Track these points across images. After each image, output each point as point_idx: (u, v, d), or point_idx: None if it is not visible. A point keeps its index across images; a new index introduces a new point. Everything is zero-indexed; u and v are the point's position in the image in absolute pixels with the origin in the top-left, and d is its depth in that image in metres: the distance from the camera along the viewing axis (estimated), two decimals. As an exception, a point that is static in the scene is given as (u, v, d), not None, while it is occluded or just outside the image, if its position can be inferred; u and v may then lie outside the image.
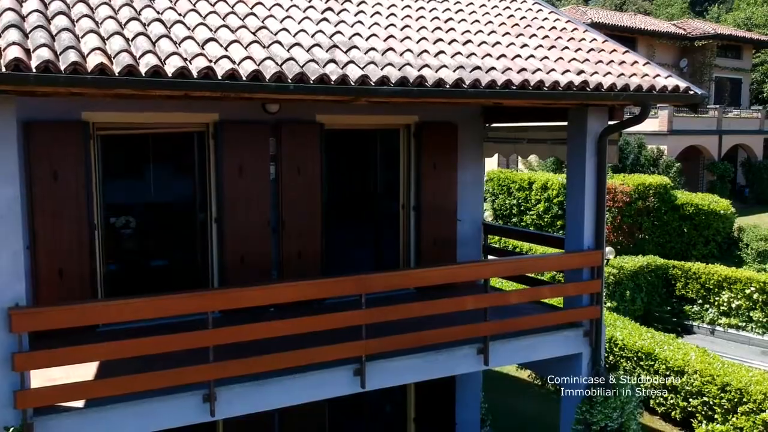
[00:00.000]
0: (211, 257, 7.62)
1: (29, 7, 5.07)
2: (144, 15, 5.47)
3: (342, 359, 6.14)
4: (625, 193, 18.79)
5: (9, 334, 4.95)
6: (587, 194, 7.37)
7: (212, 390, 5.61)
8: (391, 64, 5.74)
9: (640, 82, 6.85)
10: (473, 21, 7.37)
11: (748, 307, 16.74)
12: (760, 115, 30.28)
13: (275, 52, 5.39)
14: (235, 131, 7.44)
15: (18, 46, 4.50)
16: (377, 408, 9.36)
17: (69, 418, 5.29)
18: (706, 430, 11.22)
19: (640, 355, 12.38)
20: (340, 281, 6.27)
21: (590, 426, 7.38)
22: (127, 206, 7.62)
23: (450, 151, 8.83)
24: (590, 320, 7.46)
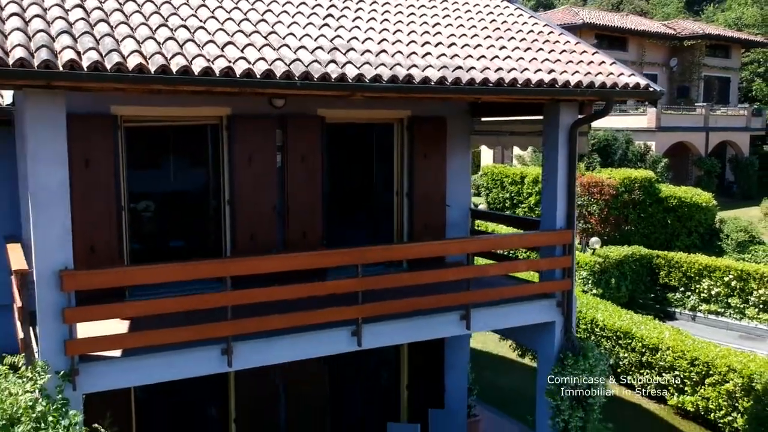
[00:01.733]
0: (224, 236, 8.52)
1: (75, 16, 5.97)
2: (171, 22, 6.38)
3: (341, 321, 7.05)
4: (612, 187, 19.70)
5: (60, 293, 5.86)
6: (559, 180, 8.28)
7: (230, 344, 6.52)
8: (384, 64, 6.66)
9: (605, 80, 7.76)
10: (458, 26, 8.28)
11: (726, 294, 17.66)
12: (746, 112, 31.18)
13: (284, 54, 6.30)
14: (245, 124, 8.34)
15: (71, 50, 5.41)
16: (373, 377, 10.28)
17: (107, 366, 6.21)
18: (678, 401, 12.16)
19: (618, 334, 13.32)
20: (341, 252, 7.20)
21: (562, 386, 8.27)
22: (148, 191, 8.53)
23: (440, 142, 9.74)
24: (562, 292, 8.38)
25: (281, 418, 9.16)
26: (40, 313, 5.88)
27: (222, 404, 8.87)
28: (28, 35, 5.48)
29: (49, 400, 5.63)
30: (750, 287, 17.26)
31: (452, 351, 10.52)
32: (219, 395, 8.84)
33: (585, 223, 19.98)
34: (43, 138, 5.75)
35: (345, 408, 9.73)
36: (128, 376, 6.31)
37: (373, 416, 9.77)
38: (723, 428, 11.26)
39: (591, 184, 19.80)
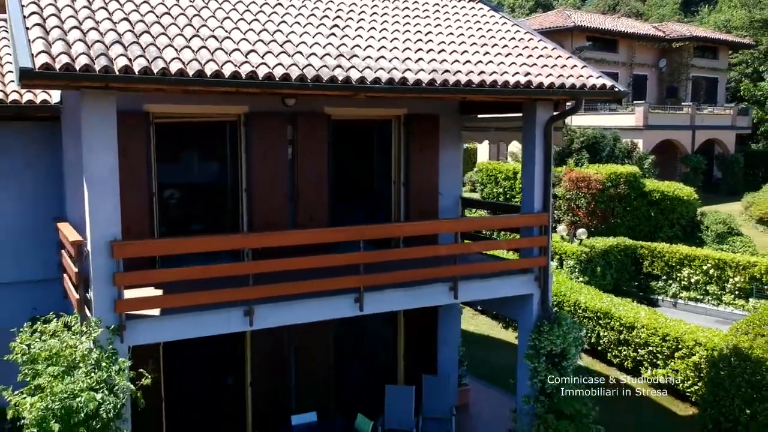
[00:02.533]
0: (242, 220, 9.66)
1: (123, 28, 7.11)
2: (202, 33, 7.52)
3: (345, 288, 8.19)
4: (599, 182, 20.84)
5: (110, 260, 7.00)
6: (537, 169, 9.42)
7: (252, 307, 7.67)
8: (383, 68, 7.81)
9: (575, 81, 8.91)
10: (448, 33, 9.43)
11: (705, 282, 18.79)
12: (732, 112, 32.33)
13: (297, 60, 7.44)
14: (261, 121, 9.48)
15: (124, 57, 6.56)
16: (373, 347, 11.43)
17: (148, 323, 7.35)
18: (651, 374, 13.31)
19: (599, 315, 14.48)
20: (346, 230, 8.35)
21: (539, 350, 9.43)
22: (175, 180, 9.65)
23: (433, 137, 10.89)
24: (539, 267, 9.52)
25: (291, 383, 10.31)
26: (94, 277, 7.02)
27: (239, 371, 10.01)
28: (87, 45, 6.62)
29: (102, 350, 6.79)
30: (726, 275, 18.38)
31: (444, 327, 11.68)
32: (236, 363, 10.00)
33: (573, 215, 21.13)
34: (98, 131, 6.89)
35: (348, 374, 10.88)
36: (166, 332, 7.46)
37: (373, 381, 10.91)
38: (690, 397, 12.41)
39: (579, 179, 20.93)
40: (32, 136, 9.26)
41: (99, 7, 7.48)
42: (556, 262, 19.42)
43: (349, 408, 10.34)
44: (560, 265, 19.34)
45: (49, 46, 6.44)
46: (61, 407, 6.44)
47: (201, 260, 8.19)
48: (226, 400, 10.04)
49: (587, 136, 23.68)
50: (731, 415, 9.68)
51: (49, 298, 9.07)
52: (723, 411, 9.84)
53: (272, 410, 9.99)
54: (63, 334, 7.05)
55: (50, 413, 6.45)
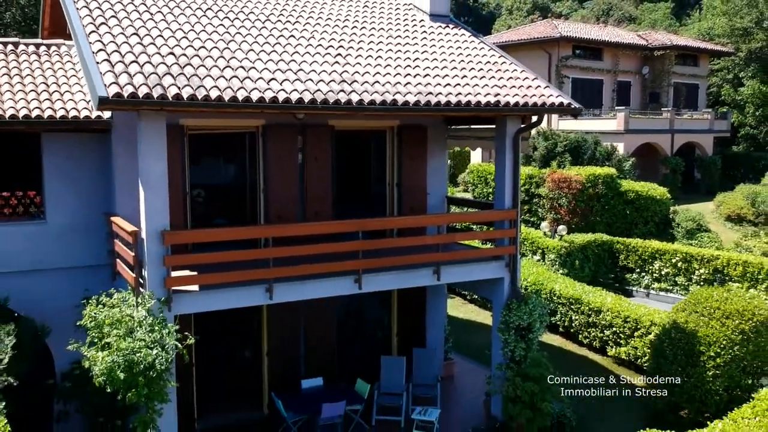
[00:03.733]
0: (259, 216, 11.49)
1: (170, 61, 8.94)
2: (232, 63, 9.35)
3: (347, 270, 10.01)
4: (579, 182, 22.64)
5: (161, 246, 8.82)
6: (507, 172, 11.25)
7: (271, 285, 9.49)
8: (377, 92, 9.65)
9: (537, 100, 10.74)
10: (432, 59, 11.27)
11: (674, 273, 20.57)
12: (709, 116, 34.18)
13: (309, 86, 9.28)
14: (275, 132, 11.31)
15: (175, 86, 8.39)
16: (371, 326, 13.26)
17: (189, 296, 9.17)
18: (615, 352, 15.14)
19: (571, 301, 16.31)
20: (348, 222, 10.19)
21: (509, 325, 11.25)
22: (204, 182, 11.46)
23: (422, 145, 12.72)
24: (509, 255, 11.35)
25: (301, 353, 12.15)
26: (148, 259, 8.84)
27: (257, 343, 11.85)
28: (145, 76, 8.45)
29: (154, 317, 8.62)
30: (693, 267, 20.16)
31: (432, 310, 13.55)
32: (255, 337, 11.83)
33: (556, 213, 22.95)
34: (152, 143, 8.73)
35: (349, 347, 12.73)
36: (204, 304, 9.30)
37: (371, 353, 12.76)
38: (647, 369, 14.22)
39: (561, 180, 22.75)
40: (87, 144, 11.07)
41: (149, 42, 9.31)
42: (539, 256, 21.23)
43: (350, 374, 12.19)
44: (543, 258, 21.13)
45: (116, 78, 8.27)
46: (124, 360, 8.28)
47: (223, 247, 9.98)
48: (247, 367, 11.89)
49: (570, 140, 25.49)
50: (670, 377, 11.51)
51: (98, 280, 10.90)
52: (664, 374, 11.66)
53: (285, 375, 11.84)
54: (121, 305, 8.90)
55: (116, 365, 8.29)
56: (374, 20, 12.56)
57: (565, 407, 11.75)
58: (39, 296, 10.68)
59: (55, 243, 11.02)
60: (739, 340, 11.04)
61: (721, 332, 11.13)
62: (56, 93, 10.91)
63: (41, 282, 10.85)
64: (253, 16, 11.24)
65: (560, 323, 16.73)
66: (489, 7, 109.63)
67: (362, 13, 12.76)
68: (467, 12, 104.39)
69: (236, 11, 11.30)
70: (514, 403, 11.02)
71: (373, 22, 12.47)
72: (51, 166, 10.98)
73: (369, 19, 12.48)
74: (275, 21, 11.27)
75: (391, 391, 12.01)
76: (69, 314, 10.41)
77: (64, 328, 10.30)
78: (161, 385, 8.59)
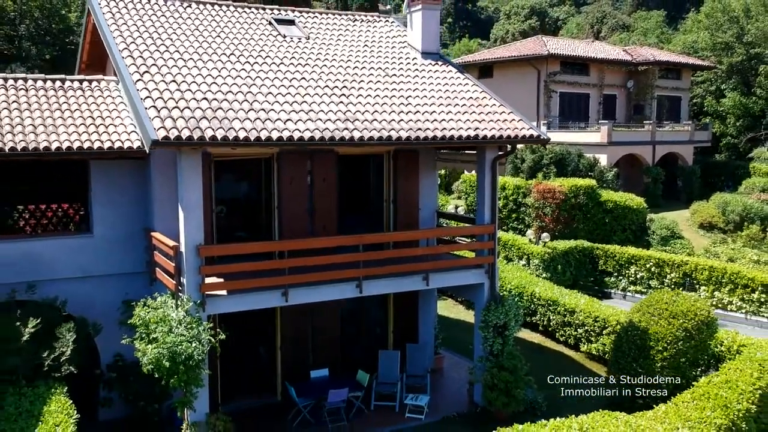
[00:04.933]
0: (274, 230, 13.38)
1: (204, 106, 10.86)
2: (254, 106, 11.27)
3: (350, 278, 11.92)
4: (562, 193, 24.55)
5: (197, 257, 10.73)
6: (486, 193, 13.16)
7: (287, 290, 11.41)
8: (375, 129, 11.56)
9: (511, 133, 12.66)
10: (422, 97, 13.19)
11: (648, 277, 22.48)
12: (689, 128, 36.15)
13: (319, 125, 11.20)
14: (288, 157, 13.20)
15: (210, 129, 10.31)
16: (370, 324, 15.17)
17: (219, 299, 11.08)
18: (587, 348, 17.05)
19: (549, 302, 18.23)
20: (350, 237, 12.11)
21: (488, 323, 13.15)
22: (227, 201, 13.37)
23: (414, 167, 14.62)
24: (488, 264, 13.27)
25: (309, 348, 14.06)
26: (186, 268, 10.74)
27: (271, 338, 13.76)
28: (185, 120, 10.36)
29: (191, 316, 10.53)
30: (665, 272, 22.09)
31: (423, 311, 15.46)
32: (270, 335, 13.74)
33: (541, 221, 24.87)
34: (190, 174, 10.63)
35: (351, 343, 14.65)
36: (232, 305, 11.21)
37: (370, 347, 14.67)
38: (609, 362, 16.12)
39: (545, 191, 24.67)
40: (127, 169, 12.97)
41: (185, 89, 11.24)
42: (524, 261, 23.14)
43: (352, 366, 14.09)
44: (528, 263, 23.04)
45: (163, 122, 10.19)
46: (168, 352, 10.18)
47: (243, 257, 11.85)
48: (263, 359, 13.81)
49: (555, 153, 27.40)
50: (626, 368, 13.42)
51: (137, 286, 12.81)
52: (621, 366, 13.56)
53: (296, 366, 13.75)
54: (164, 307, 10.80)
55: (162, 356, 10.19)
56: (373, 59, 14.48)
57: (537, 394, 13.65)
58: (87, 299, 12.56)
59: (99, 254, 12.91)
60: (683, 337, 12.95)
61: (668, 330, 13.04)
62: (101, 126, 12.80)
63: (89, 287, 12.73)
64: (269, 60, 13.15)
65: (540, 322, 18.64)
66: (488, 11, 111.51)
67: (363, 52, 14.68)
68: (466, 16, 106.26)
69: (254, 56, 13.21)
70: (492, 390, 12.94)
71: (372, 61, 14.39)
72: (97, 188, 12.87)
73: (369, 59, 14.40)
74: (288, 64, 13.19)
75: (387, 381, 13.92)
76: (112, 314, 12.37)
77: (108, 326, 12.27)
78: (197, 372, 10.50)
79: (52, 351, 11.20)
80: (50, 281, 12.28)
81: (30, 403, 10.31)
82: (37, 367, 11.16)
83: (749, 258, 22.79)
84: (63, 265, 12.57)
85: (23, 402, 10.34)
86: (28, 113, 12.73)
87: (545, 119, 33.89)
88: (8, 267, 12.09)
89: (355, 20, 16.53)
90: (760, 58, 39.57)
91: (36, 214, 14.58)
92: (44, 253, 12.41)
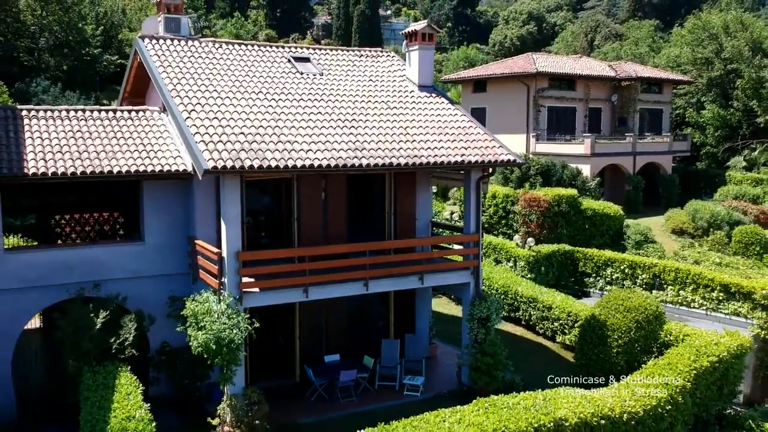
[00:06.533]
0: (294, 238, 15.99)
1: (242, 139, 13.48)
2: (281, 139, 13.88)
3: (358, 278, 14.52)
4: (546, 201, 27.16)
5: (236, 261, 13.34)
6: (471, 207, 15.77)
7: (307, 288, 14.02)
8: (379, 156, 14.19)
9: (492, 158, 15.28)
10: (419, 127, 15.81)
11: (622, 278, 25.07)
12: (668, 139, 38.84)
13: (332, 154, 13.83)
14: (305, 178, 15.79)
15: (249, 159, 12.94)
16: (374, 318, 17.79)
17: (253, 296, 13.69)
18: (562, 339, 19.66)
19: (530, 300, 20.84)
20: (358, 245, 14.72)
21: (473, 316, 15.76)
22: (255, 214, 15.97)
23: (412, 185, 17.24)
24: (473, 266, 15.89)
25: (323, 336, 16.69)
26: (228, 270, 13.34)
27: (291, 329, 16.38)
28: (228, 152, 12.98)
29: (232, 309, 13.14)
30: (637, 273, 24.66)
31: (420, 306, 18.08)
32: (290, 326, 16.35)
33: (527, 227, 27.48)
34: (231, 194, 13.25)
35: (358, 333, 17.28)
36: (263, 300, 13.82)
37: (374, 337, 17.30)
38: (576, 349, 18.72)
39: (531, 200, 27.28)
40: (173, 187, 15.57)
41: (225, 125, 13.85)
42: (511, 263, 25.74)
43: (359, 352, 16.70)
44: (515, 265, 25.64)
45: (210, 154, 12.81)
46: (215, 337, 12.79)
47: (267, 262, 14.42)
48: (284, 346, 16.43)
49: (541, 164, 30.03)
50: (589, 354, 16.03)
51: (180, 284, 15.43)
52: (585, 352, 16.18)
53: (312, 352, 16.37)
54: (209, 302, 13.40)
55: (209, 340, 12.79)
56: (377, 93, 17.10)
57: (514, 376, 16.26)
58: (141, 295, 15.14)
59: (150, 258, 15.51)
60: (635, 327, 15.58)
61: (622, 322, 15.67)
62: (152, 152, 15.41)
63: (142, 285, 15.32)
64: (290, 96, 15.77)
65: (522, 317, 21.25)
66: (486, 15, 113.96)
67: (368, 87, 17.31)
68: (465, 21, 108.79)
69: (278, 92, 15.81)
70: (476, 371, 15.55)
71: (377, 94, 17.01)
72: (148, 204, 15.48)
73: (373, 93, 17.03)
74: (306, 99, 15.81)
75: (389, 365, 16.54)
76: (161, 308, 15.00)
77: (157, 318, 14.87)
78: (237, 354, 13.09)
79: (117, 337, 13.84)
80: (111, 281, 14.89)
81: (103, 378, 12.92)
82: (105, 350, 13.79)
83: (712, 261, 25.39)
84: (121, 268, 15.16)
85: (98, 377, 12.96)
86: (90, 141, 15.34)
87: (534, 132, 36.53)
88: (77, 269, 14.70)
89: (361, 56, 19.16)
90: (736, 72, 42.22)
91: (97, 225, 17.25)
92: (105, 258, 15.03)
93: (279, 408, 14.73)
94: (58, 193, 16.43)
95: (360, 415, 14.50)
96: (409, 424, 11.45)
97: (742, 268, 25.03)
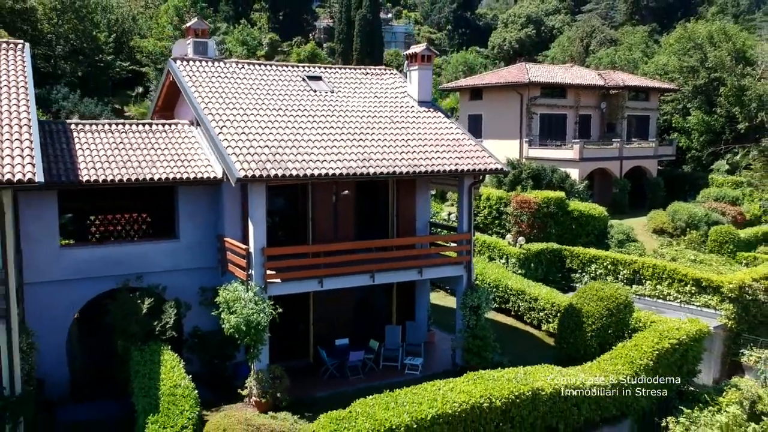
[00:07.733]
0: (309, 236, 18.24)
1: (266, 151, 15.75)
2: (300, 151, 16.16)
3: (365, 271, 16.80)
4: (536, 203, 29.41)
5: (261, 256, 15.61)
6: (464, 209, 18.05)
7: (321, 279, 16.30)
8: (384, 166, 16.47)
9: (482, 166, 17.56)
10: (418, 139, 18.09)
11: (606, 274, 27.29)
12: (654, 144, 41.16)
13: (343, 164, 16.11)
14: (319, 184, 18.05)
15: (273, 169, 15.22)
16: (378, 306, 20.07)
17: (276, 286, 15.94)
18: (546, 327, 21.94)
19: (518, 292, 23.13)
20: (365, 242, 17.01)
21: (466, 305, 18.02)
22: (276, 214, 18.22)
23: (412, 190, 19.51)
24: (466, 261, 18.16)
25: (335, 323, 18.97)
26: (254, 264, 15.61)
27: (306, 317, 18.66)
28: (255, 162, 15.25)
29: (258, 297, 15.42)
30: (619, 269, 26.86)
31: (419, 297, 20.36)
32: (305, 313, 18.63)
33: (519, 227, 29.74)
34: (257, 198, 15.53)
35: (364, 319, 19.56)
36: (284, 289, 16.07)
37: (378, 323, 19.59)
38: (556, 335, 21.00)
39: (522, 201, 29.54)
40: (204, 192, 17.85)
41: (252, 138, 16.14)
42: (504, 260, 28.00)
43: (365, 337, 18.98)
44: (507, 262, 27.90)
45: (241, 165, 15.09)
46: (245, 320, 15.07)
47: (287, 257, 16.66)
48: (300, 330, 18.72)
49: (532, 168, 32.30)
50: (568, 338, 18.31)
51: (210, 277, 17.71)
52: (564, 336, 18.46)
53: (324, 336, 18.66)
54: (238, 290, 15.68)
55: (239, 323, 15.08)
56: (381, 108, 19.38)
57: (502, 357, 18.52)
58: (177, 285, 17.40)
59: (184, 253, 17.78)
60: (606, 314, 17.85)
61: (596, 310, 17.94)
62: (186, 161, 17.70)
63: (177, 277, 17.58)
64: (306, 112, 18.05)
65: (512, 308, 23.52)
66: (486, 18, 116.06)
67: (373, 103, 19.58)
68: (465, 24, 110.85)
69: (295, 108, 18.10)
70: (468, 353, 17.82)
71: (381, 110, 19.29)
72: (182, 206, 17.75)
73: (378, 109, 19.31)
74: (320, 115, 18.09)
75: (391, 347, 18.81)
76: (193, 297, 17.29)
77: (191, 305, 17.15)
78: (263, 335, 15.37)
79: (159, 321, 16.12)
80: (152, 273, 17.17)
81: (150, 355, 15.19)
82: (149, 332, 16.07)
83: (688, 258, 27.66)
84: (159, 262, 17.44)
85: (144, 355, 15.22)
86: (132, 151, 17.62)
87: (527, 137, 38.83)
88: (122, 263, 16.98)
89: (367, 74, 21.45)
90: (720, 81, 44.49)
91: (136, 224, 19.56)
92: (147, 253, 17.31)
93: (296, 384, 16.95)
94: (106, 197, 18.72)
95: (367, 389, 16.66)
96: (410, 391, 13.76)
97: (714, 265, 27.27)
